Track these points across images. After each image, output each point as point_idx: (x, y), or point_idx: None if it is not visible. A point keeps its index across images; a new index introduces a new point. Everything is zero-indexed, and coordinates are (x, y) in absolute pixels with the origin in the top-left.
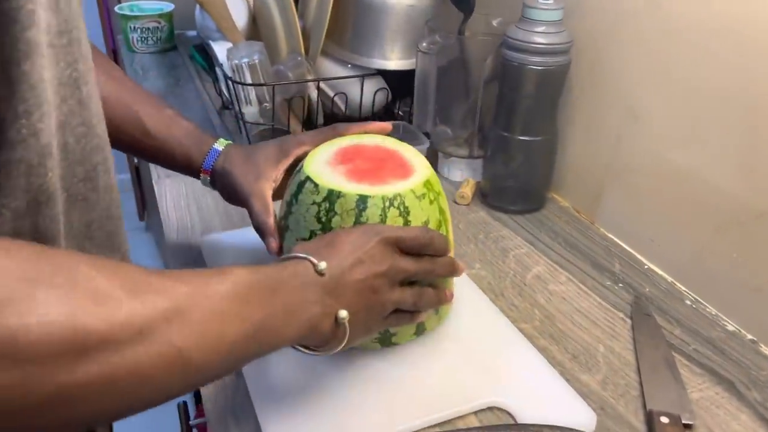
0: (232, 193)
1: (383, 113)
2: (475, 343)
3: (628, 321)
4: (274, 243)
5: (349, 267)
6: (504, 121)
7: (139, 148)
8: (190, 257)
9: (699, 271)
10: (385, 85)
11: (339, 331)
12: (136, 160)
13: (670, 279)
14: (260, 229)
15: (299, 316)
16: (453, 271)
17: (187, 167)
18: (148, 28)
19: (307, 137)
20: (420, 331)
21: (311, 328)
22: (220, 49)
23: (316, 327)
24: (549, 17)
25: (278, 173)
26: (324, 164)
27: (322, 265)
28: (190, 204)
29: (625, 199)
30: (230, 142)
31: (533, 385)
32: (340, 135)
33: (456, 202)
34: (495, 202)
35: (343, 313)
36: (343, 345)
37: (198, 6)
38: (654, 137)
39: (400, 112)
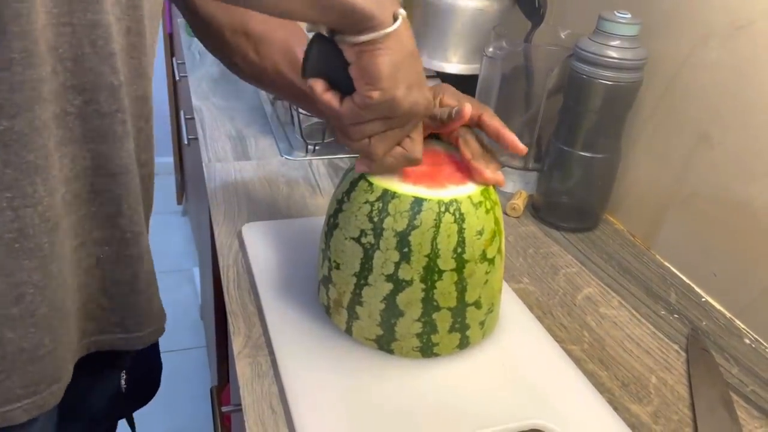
0: None
1: None
2: (519, 361)
3: (683, 354)
4: (461, 107)
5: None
6: (565, 135)
7: (292, 91)
8: (234, 242)
9: (762, 310)
10: None
11: (392, 22)
12: (185, 140)
13: (729, 315)
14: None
15: None
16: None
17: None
18: None
19: (458, 93)
20: (463, 344)
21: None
22: None
23: (381, 2)
24: (625, 31)
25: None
26: None
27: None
28: (239, 190)
29: (688, 229)
30: None
31: (579, 410)
32: (482, 120)
33: (506, 214)
34: (547, 217)
35: (403, 12)
36: (383, 32)
37: None
38: (727, 167)
39: None
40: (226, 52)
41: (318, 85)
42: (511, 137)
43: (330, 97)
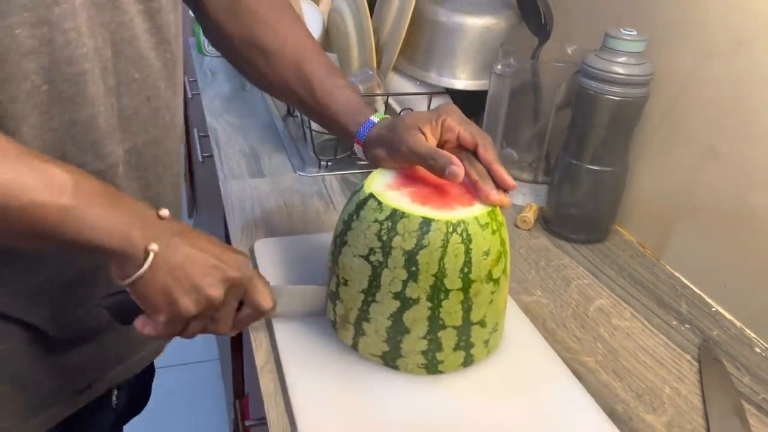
0: (390, 154)
1: None
2: (522, 379)
3: (695, 364)
4: (456, 168)
5: (193, 239)
6: (574, 149)
7: (302, 105)
8: (252, 259)
9: None
10: None
11: (144, 259)
12: (199, 158)
13: (739, 324)
14: (430, 159)
15: (122, 211)
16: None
17: (345, 136)
18: None
19: (462, 120)
20: (468, 362)
21: (124, 233)
22: None
23: (128, 236)
24: (631, 48)
25: (432, 130)
26: (385, 185)
27: (164, 212)
28: (255, 206)
29: (697, 240)
30: (388, 116)
31: (581, 427)
32: (478, 150)
33: (517, 226)
34: (557, 229)
35: (155, 246)
36: (138, 275)
37: None
38: (734, 178)
39: None
40: (237, 60)
41: (138, 324)
42: (501, 173)
43: (149, 329)
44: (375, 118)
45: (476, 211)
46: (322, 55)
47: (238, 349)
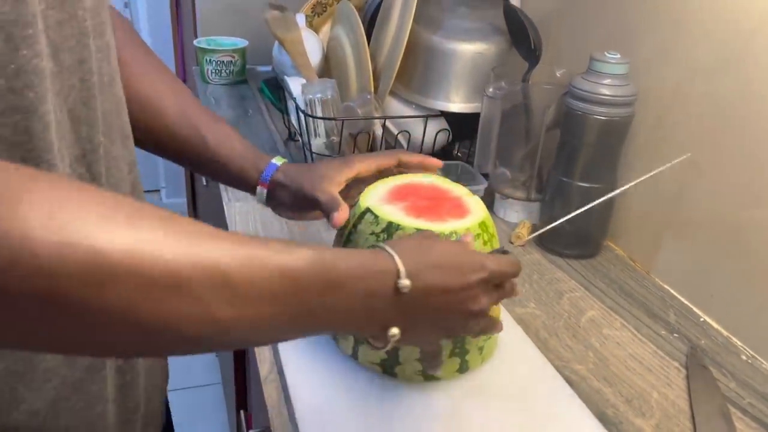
0: (292, 199)
1: (442, 153)
2: (516, 385)
3: (683, 370)
4: (338, 215)
5: (436, 291)
6: (564, 167)
7: (196, 161)
8: None
9: (758, 328)
10: (447, 127)
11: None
12: (204, 182)
13: (726, 333)
14: (329, 206)
15: (350, 318)
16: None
17: (242, 182)
18: (223, 62)
19: (371, 156)
20: (463, 368)
21: (357, 329)
22: (294, 84)
23: (362, 329)
24: (615, 70)
25: (341, 178)
26: (379, 200)
27: (405, 283)
28: (258, 228)
29: (685, 253)
30: (286, 160)
31: (574, 431)
32: (401, 161)
33: (511, 243)
34: (550, 245)
35: (394, 331)
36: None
37: (277, 43)
38: (719, 193)
39: (458, 153)
40: None
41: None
42: (430, 159)
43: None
44: (277, 162)
45: (468, 223)
46: (201, 104)
47: (240, 366)
